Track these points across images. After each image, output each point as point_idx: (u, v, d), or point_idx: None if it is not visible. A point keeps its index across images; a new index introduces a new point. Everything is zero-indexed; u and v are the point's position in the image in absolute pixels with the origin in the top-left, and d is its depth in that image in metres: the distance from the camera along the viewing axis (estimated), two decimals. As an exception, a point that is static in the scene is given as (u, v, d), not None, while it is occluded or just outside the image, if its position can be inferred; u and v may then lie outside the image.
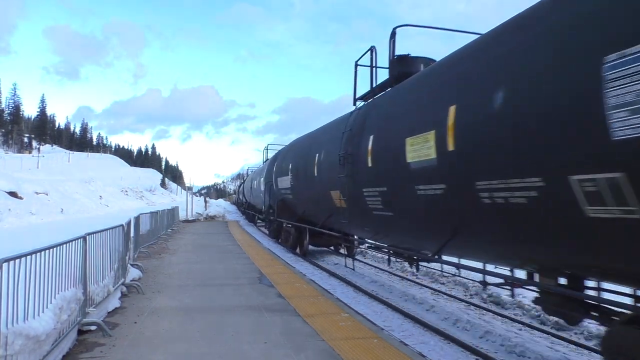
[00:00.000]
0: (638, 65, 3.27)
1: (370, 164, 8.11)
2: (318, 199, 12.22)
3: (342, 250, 15.33)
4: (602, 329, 6.93)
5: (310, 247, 15.39)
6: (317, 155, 11.98)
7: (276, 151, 21.96)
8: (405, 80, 8.09)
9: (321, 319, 6.12)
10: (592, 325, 7.15)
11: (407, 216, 7.31)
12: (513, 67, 4.66)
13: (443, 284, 11.23)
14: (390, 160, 7.27)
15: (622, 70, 3.40)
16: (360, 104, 10.33)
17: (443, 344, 6.59)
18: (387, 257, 11.37)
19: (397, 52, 9.00)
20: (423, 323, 7.53)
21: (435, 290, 10.35)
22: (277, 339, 5.23)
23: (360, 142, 8.69)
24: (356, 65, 10.30)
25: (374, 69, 9.58)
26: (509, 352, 6.30)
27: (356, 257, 14.30)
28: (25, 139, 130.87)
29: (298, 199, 14.94)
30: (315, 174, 11.96)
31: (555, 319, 7.47)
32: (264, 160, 28.94)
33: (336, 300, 7.57)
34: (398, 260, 11.92)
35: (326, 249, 16.54)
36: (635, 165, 3.35)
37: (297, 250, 15.86)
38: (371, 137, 8.20)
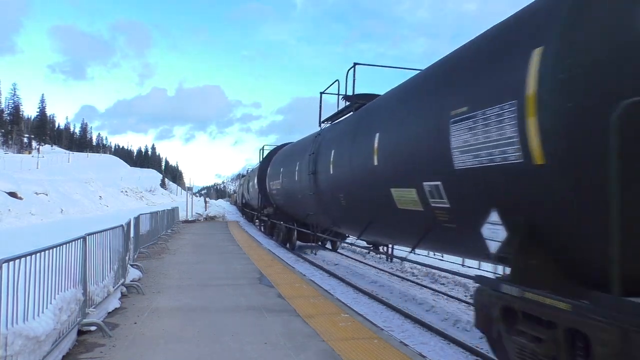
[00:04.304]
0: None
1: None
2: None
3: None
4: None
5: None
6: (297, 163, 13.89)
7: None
8: (355, 112, 10.14)
9: (321, 320, 6.12)
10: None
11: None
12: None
13: (443, 284, 11.23)
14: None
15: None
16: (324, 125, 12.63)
17: (443, 345, 6.59)
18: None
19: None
20: (423, 323, 7.53)
21: (435, 290, 10.35)
22: (277, 340, 5.23)
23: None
24: (321, 94, 12.69)
25: (339, 96, 11.56)
26: (509, 353, 6.29)
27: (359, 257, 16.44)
28: (25, 139, 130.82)
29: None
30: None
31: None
32: (260, 160, 27.13)
33: (336, 301, 7.57)
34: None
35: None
36: None
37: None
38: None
